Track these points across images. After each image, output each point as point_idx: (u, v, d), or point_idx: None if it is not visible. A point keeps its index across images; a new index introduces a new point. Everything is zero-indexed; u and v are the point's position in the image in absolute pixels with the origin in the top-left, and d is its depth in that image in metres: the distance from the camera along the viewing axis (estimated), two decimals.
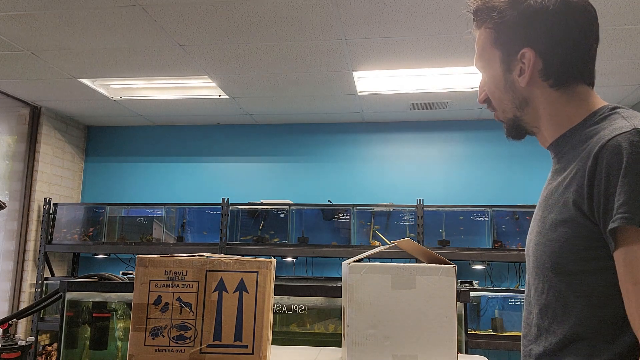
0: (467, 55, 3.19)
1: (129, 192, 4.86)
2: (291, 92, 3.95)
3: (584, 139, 0.93)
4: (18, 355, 2.22)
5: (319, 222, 4.22)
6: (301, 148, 4.77)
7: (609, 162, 0.83)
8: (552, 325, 0.93)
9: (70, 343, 2.24)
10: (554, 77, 0.96)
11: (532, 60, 0.96)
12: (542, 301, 0.96)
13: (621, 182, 0.81)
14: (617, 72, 3.42)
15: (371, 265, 1.25)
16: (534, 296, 0.99)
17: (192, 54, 3.25)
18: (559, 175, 0.97)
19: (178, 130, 4.94)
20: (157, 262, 1.17)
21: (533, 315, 0.99)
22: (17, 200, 4.33)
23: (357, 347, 1.20)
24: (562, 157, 0.98)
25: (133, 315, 1.15)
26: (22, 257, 4.31)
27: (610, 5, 2.56)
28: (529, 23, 0.96)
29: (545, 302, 0.95)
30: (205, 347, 1.15)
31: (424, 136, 4.63)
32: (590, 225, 0.86)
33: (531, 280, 1.01)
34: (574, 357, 0.89)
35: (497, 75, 1.02)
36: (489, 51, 1.04)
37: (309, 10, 2.68)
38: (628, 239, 0.80)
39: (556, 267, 0.92)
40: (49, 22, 2.86)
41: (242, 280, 1.18)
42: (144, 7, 2.68)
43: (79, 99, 4.22)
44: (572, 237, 0.89)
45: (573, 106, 0.98)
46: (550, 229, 0.93)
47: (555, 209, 0.93)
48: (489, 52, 1.04)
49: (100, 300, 2.28)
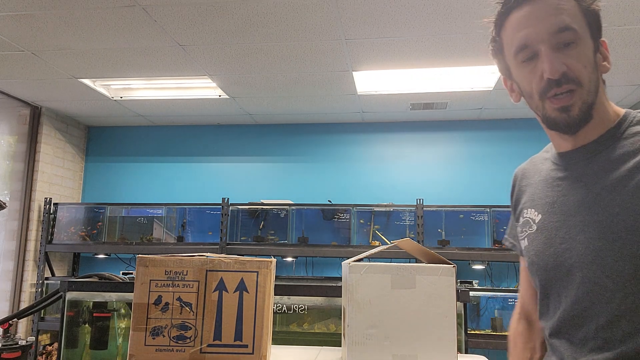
0: (467, 55, 3.19)
1: (129, 192, 4.86)
2: (291, 92, 3.95)
3: (627, 137, 0.93)
4: (18, 355, 2.22)
5: (319, 222, 4.22)
6: (301, 148, 4.77)
7: None
8: (635, 335, 0.86)
9: (70, 343, 2.24)
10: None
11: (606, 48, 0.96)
12: (613, 312, 0.88)
13: None
14: (617, 72, 3.42)
15: (371, 265, 1.25)
16: (595, 307, 0.91)
17: (192, 54, 3.25)
18: (608, 173, 0.93)
19: (178, 130, 4.95)
20: (158, 262, 1.18)
21: (590, 328, 0.92)
22: (17, 200, 4.33)
23: (357, 346, 1.20)
24: (598, 154, 0.95)
25: (133, 315, 1.15)
26: (22, 257, 4.31)
27: (610, 5, 2.56)
28: (598, 17, 0.95)
29: (618, 313, 0.88)
30: (206, 346, 1.15)
31: (424, 136, 4.64)
32: None
33: (580, 294, 0.93)
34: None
35: (589, 52, 0.93)
36: (580, 23, 0.93)
37: (309, 10, 2.68)
38: None
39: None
40: (49, 22, 2.86)
41: (242, 280, 1.18)
42: (144, 7, 2.68)
43: (79, 99, 4.22)
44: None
45: (610, 105, 0.98)
46: (630, 230, 0.86)
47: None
48: (580, 24, 0.92)
49: (101, 300, 2.28)
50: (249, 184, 4.74)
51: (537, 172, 1.10)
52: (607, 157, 0.93)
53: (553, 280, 0.99)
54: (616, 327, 0.88)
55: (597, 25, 0.95)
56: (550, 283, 1.00)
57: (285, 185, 4.71)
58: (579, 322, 0.94)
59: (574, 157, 0.99)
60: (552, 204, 1.01)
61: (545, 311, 1.04)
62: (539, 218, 1.03)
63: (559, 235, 0.97)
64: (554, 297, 1.00)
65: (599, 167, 0.94)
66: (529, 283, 1.17)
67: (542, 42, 0.92)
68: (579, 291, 0.93)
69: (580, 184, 0.96)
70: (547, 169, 1.06)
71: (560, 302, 0.98)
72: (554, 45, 0.91)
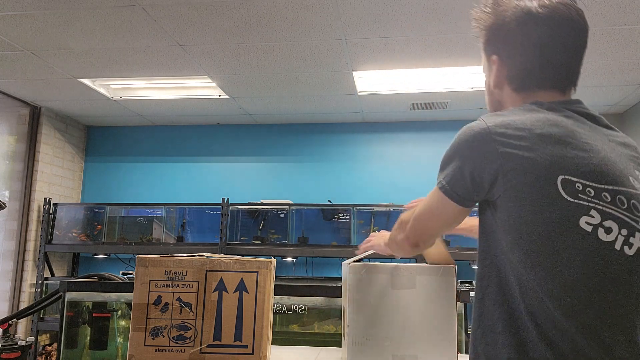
0: (467, 55, 3.19)
1: (129, 192, 4.85)
2: (291, 92, 3.95)
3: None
4: (18, 355, 2.22)
5: (319, 222, 4.22)
6: (301, 148, 4.77)
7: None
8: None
9: (70, 343, 2.24)
10: (516, 82, 1.03)
11: (497, 66, 1.05)
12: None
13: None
14: (617, 72, 3.42)
15: (371, 265, 1.25)
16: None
17: (192, 54, 3.25)
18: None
19: (178, 130, 4.94)
20: (157, 262, 1.17)
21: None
22: (17, 200, 4.33)
23: (357, 347, 1.20)
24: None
25: (133, 315, 1.15)
26: (22, 257, 4.31)
27: (610, 6, 2.56)
28: (495, 33, 1.04)
29: None
30: (205, 347, 1.15)
31: (424, 136, 4.63)
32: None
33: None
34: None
35: (486, 82, 1.12)
36: (482, 55, 1.12)
37: (309, 10, 2.67)
38: None
39: None
40: (49, 22, 2.86)
41: (242, 280, 1.18)
42: (144, 7, 2.68)
43: (79, 99, 4.22)
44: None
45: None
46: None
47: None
48: (484, 62, 1.12)
49: (100, 300, 2.28)
50: (248, 184, 4.74)
51: None
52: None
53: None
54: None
55: (488, 51, 1.08)
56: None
57: (285, 185, 4.70)
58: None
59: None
60: None
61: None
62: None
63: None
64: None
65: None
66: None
67: None
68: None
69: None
70: None
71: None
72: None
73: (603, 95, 3.89)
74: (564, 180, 0.87)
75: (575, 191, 0.86)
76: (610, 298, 0.85)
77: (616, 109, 4.22)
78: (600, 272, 0.85)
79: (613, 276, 0.85)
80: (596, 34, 2.86)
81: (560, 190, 0.86)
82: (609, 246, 0.86)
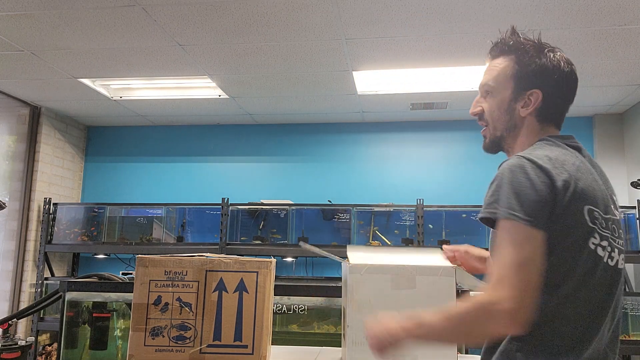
0: (467, 56, 3.19)
1: (129, 192, 4.85)
2: (291, 92, 3.95)
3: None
4: (18, 355, 2.22)
5: (319, 222, 4.21)
6: (301, 148, 4.77)
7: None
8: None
9: (70, 343, 2.24)
10: (543, 116, 1.22)
11: (539, 99, 1.21)
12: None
13: None
14: (617, 72, 3.42)
15: (371, 265, 1.25)
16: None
17: (192, 54, 3.25)
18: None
19: (178, 130, 4.94)
20: (157, 262, 1.17)
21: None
22: (17, 200, 4.33)
23: (357, 347, 1.20)
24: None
25: (133, 315, 1.15)
26: (22, 257, 4.31)
27: (610, 5, 2.56)
28: (546, 73, 1.20)
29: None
30: (205, 347, 1.15)
31: (424, 136, 4.63)
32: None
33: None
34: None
35: (505, 99, 1.24)
36: (504, 79, 1.24)
37: (309, 10, 2.67)
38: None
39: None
40: (49, 22, 2.86)
41: (242, 280, 1.18)
42: (144, 7, 2.68)
43: (79, 99, 4.21)
44: None
45: (530, 139, 1.24)
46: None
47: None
48: (504, 79, 1.24)
49: (100, 300, 2.27)
50: (248, 184, 4.74)
51: None
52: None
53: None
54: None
55: (526, 81, 1.22)
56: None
57: (285, 185, 4.70)
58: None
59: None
60: None
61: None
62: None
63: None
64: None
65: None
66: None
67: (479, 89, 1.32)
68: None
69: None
70: None
71: None
72: (481, 93, 1.30)
73: (603, 95, 3.89)
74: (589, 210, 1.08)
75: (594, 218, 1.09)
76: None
77: (616, 109, 4.22)
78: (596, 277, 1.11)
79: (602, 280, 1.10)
80: (596, 34, 2.86)
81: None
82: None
